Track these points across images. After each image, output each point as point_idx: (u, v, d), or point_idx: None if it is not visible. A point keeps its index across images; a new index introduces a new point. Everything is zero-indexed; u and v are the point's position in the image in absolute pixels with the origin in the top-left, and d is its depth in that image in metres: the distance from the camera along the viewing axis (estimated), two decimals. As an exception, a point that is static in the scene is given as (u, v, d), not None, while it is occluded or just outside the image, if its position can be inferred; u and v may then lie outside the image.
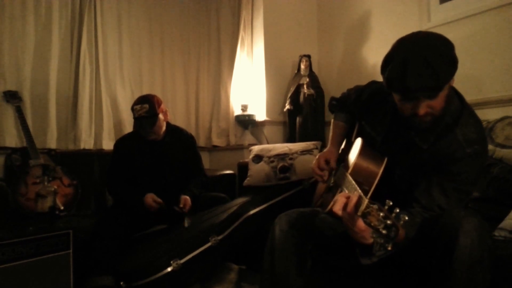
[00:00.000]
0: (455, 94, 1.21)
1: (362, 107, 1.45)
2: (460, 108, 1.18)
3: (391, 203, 0.89)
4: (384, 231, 0.87)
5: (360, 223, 0.99)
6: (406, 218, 0.86)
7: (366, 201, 0.94)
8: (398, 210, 0.87)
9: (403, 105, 1.12)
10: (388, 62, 1.10)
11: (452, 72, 1.05)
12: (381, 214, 0.88)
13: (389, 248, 0.87)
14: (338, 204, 1.03)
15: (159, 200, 2.06)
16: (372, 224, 0.90)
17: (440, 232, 1.03)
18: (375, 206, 0.90)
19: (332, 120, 1.66)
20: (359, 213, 0.94)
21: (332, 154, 1.51)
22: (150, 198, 2.06)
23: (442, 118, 1.15)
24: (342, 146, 1.59)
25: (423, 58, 1.02)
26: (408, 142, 1.22)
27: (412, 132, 1.20)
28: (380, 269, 1.30)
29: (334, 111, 1.66)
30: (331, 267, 1.39)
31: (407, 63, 1.03)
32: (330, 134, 1.62)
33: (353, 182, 1.16)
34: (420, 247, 1.10)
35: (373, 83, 1.47)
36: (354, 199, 0.98)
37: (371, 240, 1.02)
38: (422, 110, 1.07)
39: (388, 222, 0.86)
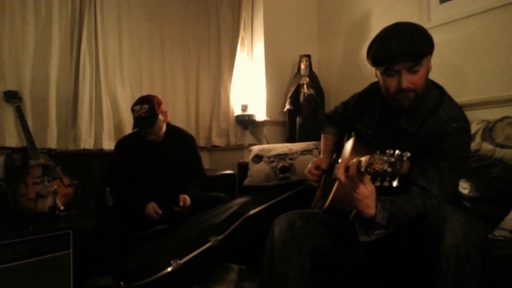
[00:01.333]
0: (434, 85, 1.31)
1: (352, 115, 1.53)
2: (440, 95, 1.28)
3: (392, 151, 0.94)
4: (389, 169, 0.91)
5: (363, 188, 1.03)
6: (409, 154, 0.91)
7: (367, 157, 0.98)
8: (400, 152, 0.92)
9: (388, 82, 1.22)
10: (372, 44, 1.26)
11: (429, 45, 1.18)
12: (384, 157, 0.93)
13: (395, 184, 0.93)
14: (340, 169, 1.07)
15: (159, 211, 2.06)
16: (376, 169, 0.94)
17: (428, 230, 1.05)
18: (376, 155, 0.95)
19: (322, 135, 1.72)
20: (363, 168, 0.97)
21: (323, 160, 1.58)
22: (152, 208, 2.05)
23: (425, 103, 1.24)
24: (334, 156, 1.63)
25: (402, 31, 1.19)
26: (397, 131, 1.29)
27: (399, 120, 1.27)
28: (379, 268, 1.31)
29: (324, 126, 1.74)
30: (330, 267, 1.39)
31: (390, 36, 1.19)
32: (322, 146, 1.69)
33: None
34: (413, 245, 1.12)
35: (356, 93, 1.57)
36: (355, 162, 1.02)
37: (374, 210, 1.07)
38: (405, 83, 1.18)
39: (392, 159, 0.92)
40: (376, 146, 1.30)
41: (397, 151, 0.92)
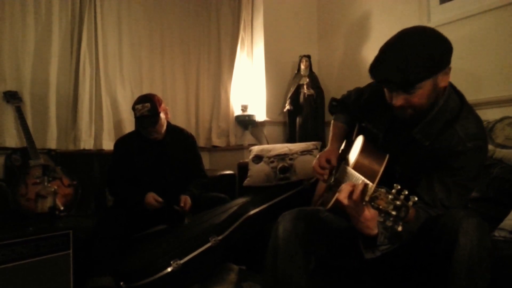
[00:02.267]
0: (454, 92, 1.24)
1: (363, 107, 1.46)
2: (459, 105, 1.21)
3: (399, 187, 0.91)
4: (394, 212, 0.89)
5: (366, 211, 1.01)
6: (416, 198, 0.89)
7: (373, 186, 0.95)
8: (406, 192, 0.89)
9: (386, 93, 1.19)
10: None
11: (425, 72, 1.08)
12: (390, 196, 0.90)
13: (399, 229, 0.89)
14: (343, 192, 1.03)
15: (160, 199, 2.06)
16: (380, 207, 0.91)
17: (440, 233, 1.03)
18: (383, 190, 0.92)
19: (332, 121, 1.67)
20: (367, 198, 0.94)
21: (333, 153, 1.52)
22: (151, 196, 2.06)
23: (443, 113, 1.18)
24: (342, 147, 1.59)
25: (399, 52, 1.09)
26: (409, 139, 1.24)
27: (413, 128, 1.22)
28: (383, 270, 1.30)
29: (334, 112, 1.68)
30: (334, 268, 1.38)
31: (384, 56, 1.12)
32: (330, 134, 1.63)
33: (357, 173, 1.17)
34: (421, 248, 1.10)
35: (373, 85, 1.48)
36: (360, 186, 1.00)
37: (375, 231, 1.05)
38: (398, 102, 1.13)
39: (398, 202, 0.89)
40: (386, 150, 1.27)
41: (404, 192, 0.89)
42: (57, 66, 2.68)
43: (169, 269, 1.71)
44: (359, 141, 1.37)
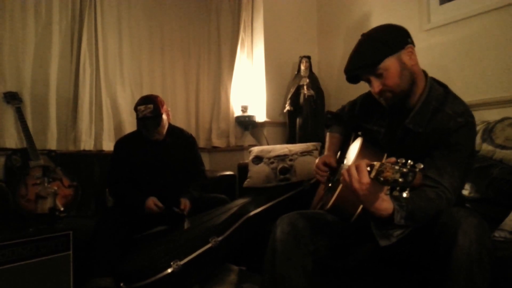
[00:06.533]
0: (436, 83, 1.30)
1: (359, 113, 1.52)
2: (444, 93, 1.27)
3: (403, 160, 0.91)
4: (401, 179, 0.88)
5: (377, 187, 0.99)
6: (422, 166, 0.88)
7: (378, 162, 0.94)
8: (412, 162, 0.90)
9: (369, 87, 1.29)
10: None
11: (382, 50, 1.20)
12: (396, 167, 0.89)
13: (405, 195, 0.89)
14: (348, 172, 1.01)
15: (160, 204, 2.06)
16: (388, 178, 0.90)
17: (440, 232, 1.04)
18: (388, 163, 0.92)
19: (327, 133, 1.71)
20: (373, 174, 0.94)
21: (331, 157, 1.56)
22: (152, 201, 2.06)
23: (429, 102, 1.24)
24: (339, 154, 1.62)
25: (357, 45, 1.26)
26: (404, 131, 1.28)
27: (405, 120, 1.26)
28: (382, 270, 1.31)
29: (330, 125, 1.73)
30: (332, 269, 1.39)
31: (350, 54, 1.27)
32: (326, 144, 1.67)
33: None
34: (420, 247, 1.10)
35: (364, 93, 1.56)
36: (363, 163, 0.98)
37: (390, 210, 1.02)
38: (376, 88, 1.24)
39: (404, 170, 0.88)
40: (384, 148, 1.31)
41: (409, 161, 0.89)
42: (57, 67, 2.68)
43: (169, 270, 1.71)
44: (357, 143, 1.40)
